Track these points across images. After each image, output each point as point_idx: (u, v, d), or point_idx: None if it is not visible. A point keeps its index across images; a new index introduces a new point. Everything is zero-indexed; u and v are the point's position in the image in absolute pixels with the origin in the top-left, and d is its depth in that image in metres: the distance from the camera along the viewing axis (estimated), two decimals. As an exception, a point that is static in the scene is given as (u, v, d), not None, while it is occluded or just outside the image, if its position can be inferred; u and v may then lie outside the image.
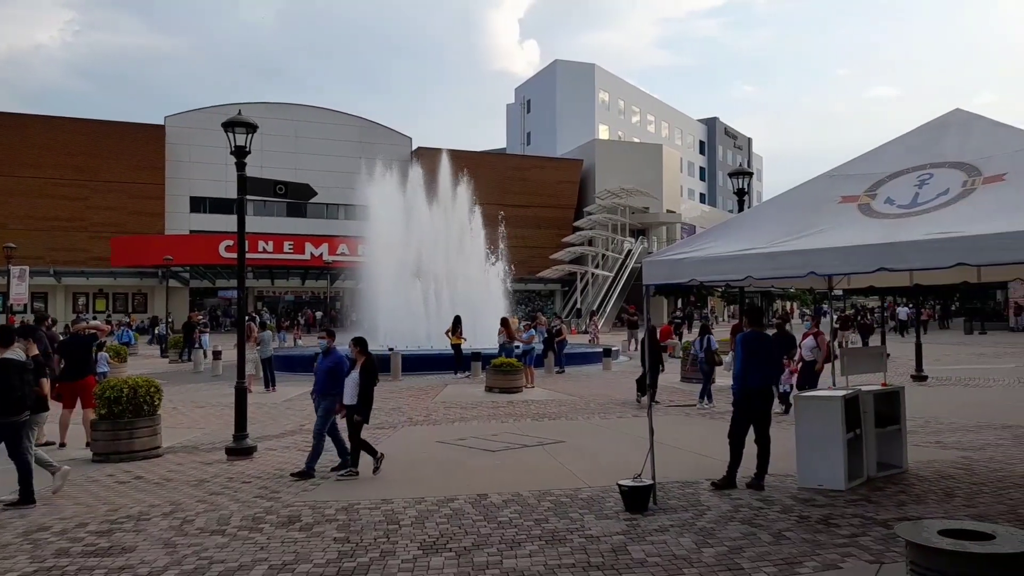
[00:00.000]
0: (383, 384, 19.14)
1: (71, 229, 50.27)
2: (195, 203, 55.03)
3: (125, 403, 9.91)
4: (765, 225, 6.99)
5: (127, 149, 52.09)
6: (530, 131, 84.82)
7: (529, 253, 56.53)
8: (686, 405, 14.83)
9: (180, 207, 54.62)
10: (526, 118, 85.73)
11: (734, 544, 6.09)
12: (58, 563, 5.95)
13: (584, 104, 79.99)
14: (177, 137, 53.71)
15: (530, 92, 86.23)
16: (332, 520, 7.01)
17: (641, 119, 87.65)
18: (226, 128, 10.64)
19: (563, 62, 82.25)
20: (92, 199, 51.06)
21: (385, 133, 59.98)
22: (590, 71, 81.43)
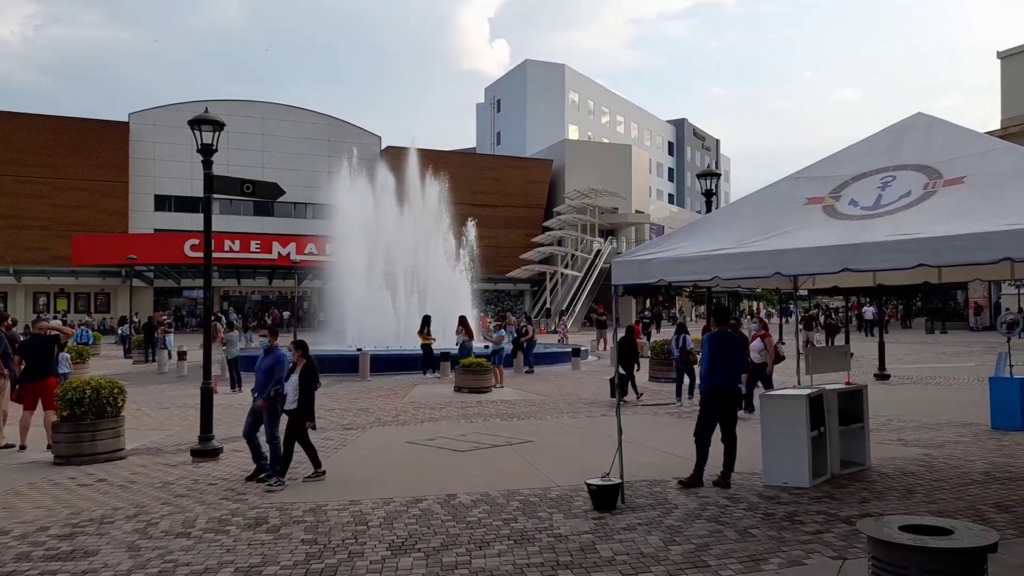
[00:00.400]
0: (352, 384, 19.12)
1: (31, 227, 49.16)
2: (160, 201, 54.19)
3: (87, 404, 9.73)
4: (732, 226, 7.08)
5: (90, 146, 51.14)
6: (500, 131, 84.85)
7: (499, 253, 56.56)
8: (657, 404, 14.94)
9: (144, 205, 53.75)
10: (496, 118, 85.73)
11: (701, 542, 6.15)
12: (19, 568, 5.83)
13: (554, 104, 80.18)
14: (141, 134, 52.85)
15: (500, 92, 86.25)
16: (300, 522, 6.95)
17: (611, 120, 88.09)
18: (192, 126, 10.51)
19: (533, 62, 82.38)
20: (53, 197, 49.97)
21: (354, 132, 59.57)
22: (560, 71, 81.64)
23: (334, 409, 14.78)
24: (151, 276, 51.47)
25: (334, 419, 13.51)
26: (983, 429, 11.21)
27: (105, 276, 50.70)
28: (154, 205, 54.13)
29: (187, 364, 22.40)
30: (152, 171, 52.96)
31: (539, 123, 78.18)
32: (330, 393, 17.43)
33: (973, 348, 28.25)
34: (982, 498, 7.37)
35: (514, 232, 59.67)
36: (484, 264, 38.88)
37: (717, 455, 8.03)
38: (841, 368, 9.89)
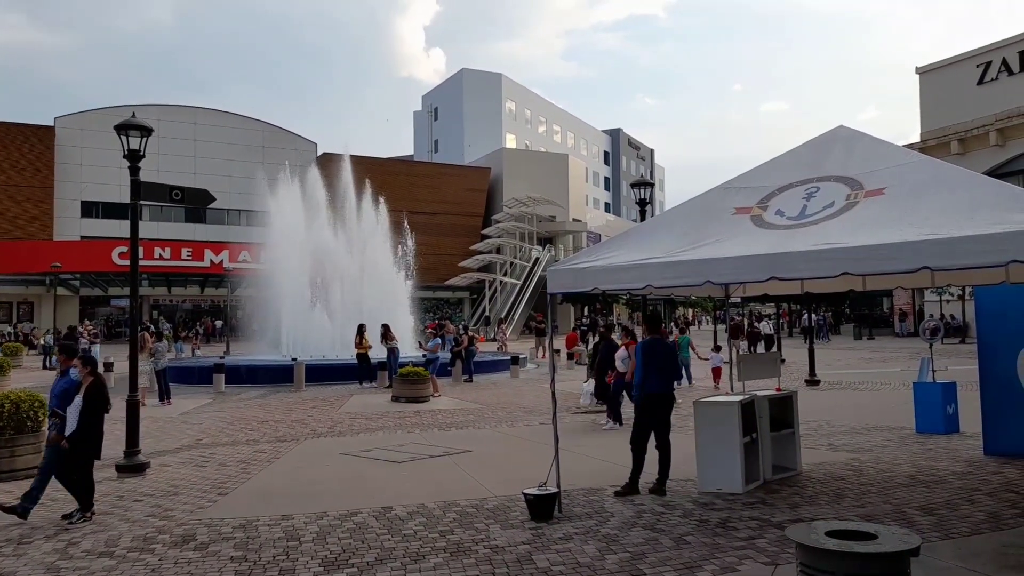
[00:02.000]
0: (287, 395, 18.76)
1: (-54, 234, 46.90)
2: (87, 208, 52.40)
3: (6, 419, 9.39)
4: (664, 235, 7.18)
5: (12, 150, 49.17)
6: (438, 139, 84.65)
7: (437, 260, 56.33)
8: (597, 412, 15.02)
9: (70, 212, 51.87)
10: (433, 125, 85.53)
11: (637, 550, 6.19)
12: (-76, 596, 5.53)
13: (491, 113, 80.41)
14: (68, 139, 51.08)
15: (437, 100, 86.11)
16: (229, 538, 6.76)
17: (547, 129, 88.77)
18: (119, 131, 10.23)
19: (470, 71, 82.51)
20: (-28, 202, 47.86)
21: (289, 138, 58.66)
22: (497, 80, 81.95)
23: (267, 421, 14.47)
24: (77, 285, 49.67)
25: (267, 431, 13.23)
26: (908, 433, 11.57)
27: (28, 284, 48.65)
28: (81, 211, 52.31)
29: (114, 376, 21.63)
30: (79, 176, 51.19)
31: (476, 131, 78.29)
32: (264, 404, 17.10)
33: (899, 354, 29.28)
34: (907, 501, 7.60)
35: (453, 240, 59.56)
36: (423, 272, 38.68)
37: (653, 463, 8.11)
38: (772, 374, 10.11)
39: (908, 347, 31.96)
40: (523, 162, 66.77)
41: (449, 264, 57.27)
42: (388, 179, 41.36)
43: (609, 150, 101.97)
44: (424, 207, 58.12)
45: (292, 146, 56.46)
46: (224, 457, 10.83)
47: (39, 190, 50.28)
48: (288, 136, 58.99)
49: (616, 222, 78.83)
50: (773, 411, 8.89)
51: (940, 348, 15.87)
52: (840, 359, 27.81)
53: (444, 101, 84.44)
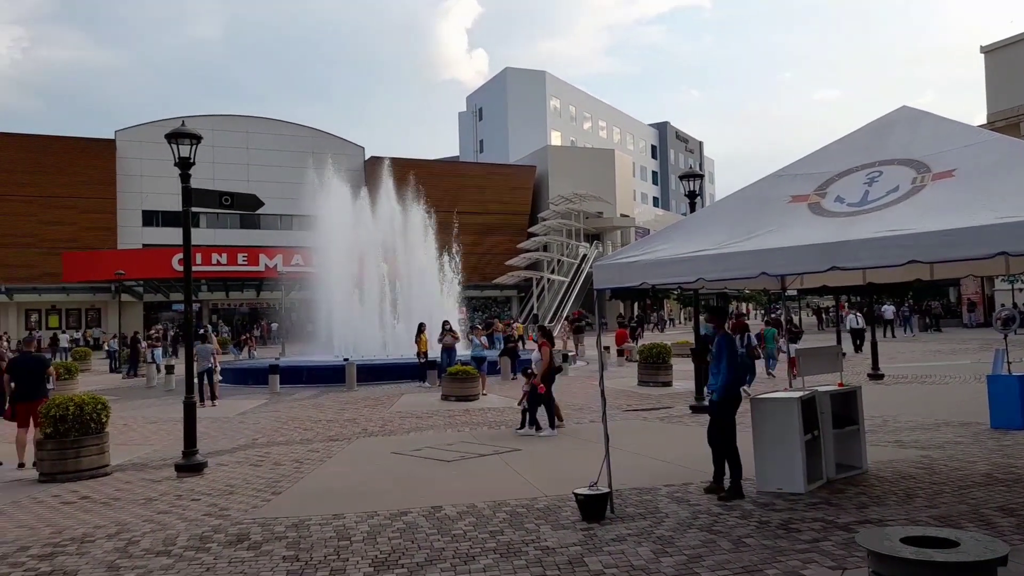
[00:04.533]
0: (339, 395, 18.91)
1: (21, 245, 48.92)
2: (147, 217, 54.03)
3: (71, 421, 9.61)
4: (715, 226, 6.92)
5: (78, 164, 51.03)
6: (483, 139, 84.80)
7: (485, 259, 56.50)
8: (647, 409, 14.80)
9: (132, 221, 53.59)
10: (478, 126, 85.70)
11: (693, 552, 5.98)
12: (-6, 591, 5.67)
13: (535, 111, 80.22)
14: (128, 151, 52.70)
15: (481, 100, 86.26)
16: (282, 538, 6.76)
17: (593, 125, 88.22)
18: (170, 140, 10.45)
19: (513, 70, 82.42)
20: (43, 215, 49.80)
21: (337, 143, 59.37)
22: (540, 78, 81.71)
23: (320, 421, 14.58)
24: (140, 291, 51.18)
25: (320, 431, 13.32)
26: (982, 429, 11.02)
27: (95, 292, 50.46)
28: (142, 221, 53.99)
29: (174, 378, 22.14)
30: (139, 187, 52.81)
31: (521, 130, 78.21)
32: (317, 404, 17.26)
33: (968, 345, 28.25)
34: (985, 501, 7.18)
35: (499, 239, 59.62)
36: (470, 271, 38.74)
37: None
38: (833, 369, 9.74)
39: (978, 338, 30.80)
40: (569, 159, 66.45)
41: (496, 263, 57.31)
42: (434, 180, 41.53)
43: (656, 144, 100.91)
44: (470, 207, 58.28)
45: (340, 151, 57.03)
46: (278, 456, 10.93)
47: (103, 201, 52.13)
48: (336, 141, 59.72)
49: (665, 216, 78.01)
50: (836, 407, 8.54)
51: (1014, 339, 15.17)
52: (905, 352, 26.93)
53: (488, 101, 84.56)
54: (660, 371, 18.93)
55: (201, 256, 45.42)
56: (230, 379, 21.61)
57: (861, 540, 4.00)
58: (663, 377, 18.86)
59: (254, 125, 57.49)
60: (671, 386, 18.52)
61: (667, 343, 20.71)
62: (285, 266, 43.66)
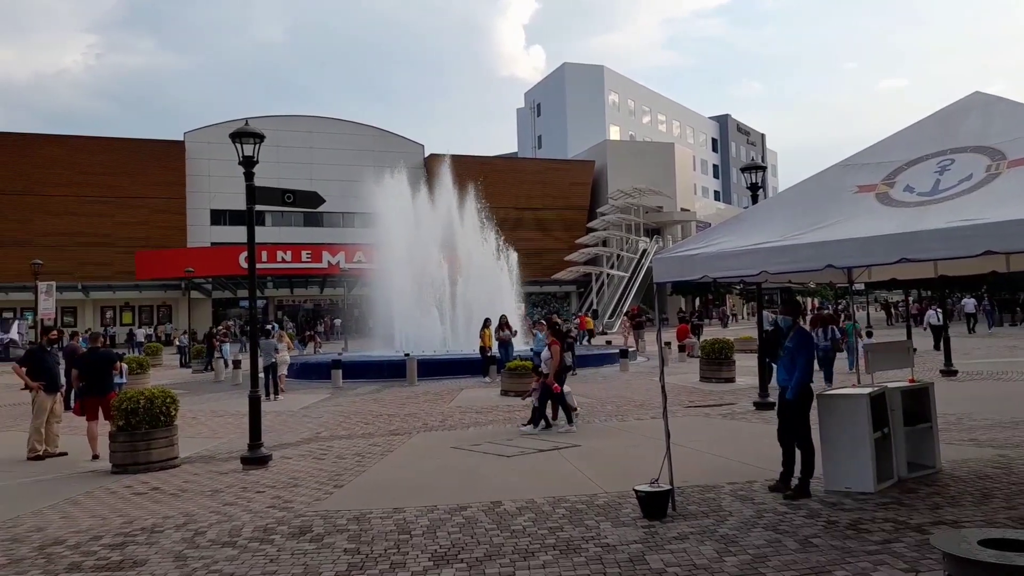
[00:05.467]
0: (400, 390, 19.12)
1: (97, 244, 50.86)
2: (215, 216, 55.59)
3: (142, 414, 9.90)
4: (778, 218, 6.73)
5: (149, 165, 52.82)
6: (541, 134, 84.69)
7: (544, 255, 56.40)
8: (709, 406, 14.57)
9: (201, 220, 55.25)
10: (537, 122, 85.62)
11: (758, 552, 5.84)
12: (68, 579, 5.86)
13: (594, 106, 79.72)
14: (196, 152, 54.28)
15: (540, 96, 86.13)
16: (343, 530, 6.85)
17: (652, 119, 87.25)
18: (234, 139, 10.66)
19: (571, 65, 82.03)
20: (117, 215, 51.65)
21: (398, 141, 60.08)
22: (599, 73, 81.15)
23: (382, 415, 14.77)
24: (209, 288, 52.72)
25: (382, 425, 13.50)
26: (1062, 427, 10.55)
27: (166, 289, 52.27)
28: (210, 220, 55.57)
29: (241, 373, 22.69)
30: (207, 187, 54.34)
31: (580, 125, 77.82)
32: (379, 399, 17.50)
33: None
34: (1066, 503, 6.85)
35: (558, 234, 59.51)
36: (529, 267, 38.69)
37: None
38: (903, 365, 9.41)
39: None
40: (628, 153, 65.87)
41: (555, 258, 57.20)
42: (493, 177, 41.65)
43: (717, 137, 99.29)
44: (529, 203, 58.31)
45: (401, 149, 57.75)
46: (341, 450, 11.10)
47: (173, 201, 53.83)
48: (396, 139, 60.44)
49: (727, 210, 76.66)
50: (907, 404, 8.25)
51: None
52: (980, 347, 25.91)
53: (546, 97, 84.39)
54: (723, 367, 18.63)
55: (266, 254, 46.50)
56: (294, 374, 22.06)
57: (936, 542, 3.83)
58: (726, 373, 18.55)
59: (316, 125, 58.57)
60: (734, 382, 18.21)
61: (730, 338, 20.36)
62: (347, 263, 44.37)
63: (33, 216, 49.76)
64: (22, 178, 49.71)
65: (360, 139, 58.88)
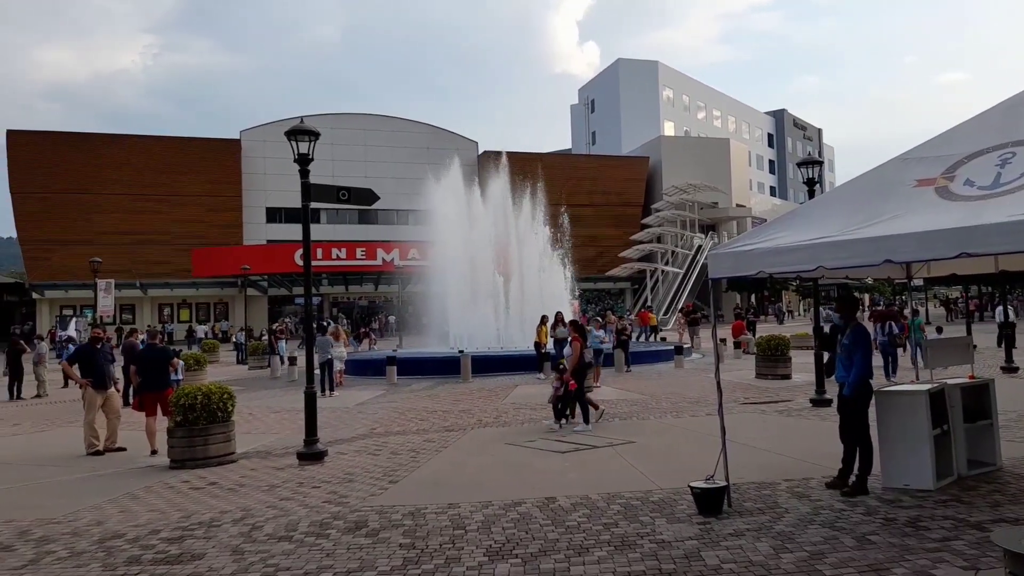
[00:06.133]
0: (454, 386, 19.27)
1: (154, 243, 51.80)
2: (271, 213, 56.43)
3: (199, 410, 10.04)
4: (835, 212, 6.62)
5: (205, 164, 53.77)
6: (595, 130, 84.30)
7: (597, 252, 56.20)
8: (764, 403, 14.38)
9: (257, 218, 56.12)
10: (590, 118, 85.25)
11: (815, 549, 5.77)
12: (128, 571, 6.01)
13: (648, 102, 79.03)
14: (252, 150, 55.18)
15: (594, 92, 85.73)
16: (398, 525, 6.96)
17: (707, 114, 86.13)
18: (289, 136, 10.79)
19: (626, 60, 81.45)
20: (173, 213, 52.59)
21: (451, 138, 60.42)
22: (653, 68, 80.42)
23: (436, 411, 14.92)
24: (265, 285, 53.62)
25: (436, 421, 13.64)
26: None
27: (223, 286, 53.10)
28: (266, 217, 56.42)
29: (297, 369, 23.14)
30: (263, 185, 55.18)
31: (634, 121, 77.22)
32: (433, 395, 17.67)
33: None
34: None
35: (612, 230, 59.20)
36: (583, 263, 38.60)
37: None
38: (963, 361, 9.17)
39: None
40: (682, 149, 65.19)
41: (609, 255, 56.93)
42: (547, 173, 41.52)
43: (773, 132, 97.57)
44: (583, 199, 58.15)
45: (454, 146, 58.04)
46: (396, 446, 11.24)
47: (229, 199, 54.74)
48: (450, 136, 60.80)
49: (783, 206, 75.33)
50: (967, 400, 8.05)
51: None
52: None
53: (600, 93, 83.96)
54: (779, 364, 18.37)
55: (321, 251, 47.21)
56: (349, 370, 22.38)
57: (997, 539, 3.77)
58: (782, 370, 18.29)
59: (371, 123, 59.21)
60: (790, 379, 17.93)
61: (786, 335, 20.04)
62: (402, 260, 44.81)
63: (93, 215, 50.93)
64: (82, 177, 50.81)
65: (414, 137, 59.39)
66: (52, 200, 50.14)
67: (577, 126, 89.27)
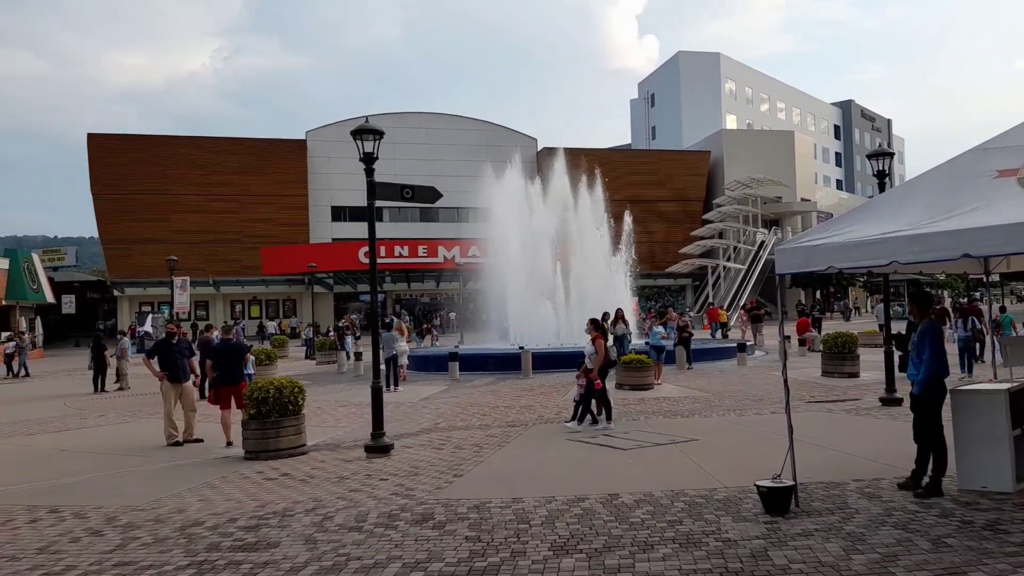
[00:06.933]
0: (515, 382, 19.35)
1: (226, 241, 53.37)
2: (336, 212, 57.51)
3: (271, 403, 10.32)
4: (910, 205, 6.42)
5: (274, 164, 55.11)
6: (655, 125, 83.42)
7: (657, 248, 55.69)
8: (831, 401, 14.06)
9: (322, 216, 57.26)
10: (650, 112, 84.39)
11: (888, 551, 5.64)
12: (209, 557, 6.24)
13: (709, 95, 77.85)
14: (318, 150, 56.26)
15: (653, 86, 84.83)
16: (464, 518, 7.05)
17: (770, 106, 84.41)
18: (355, 136, 10.97)
19: (686, 53, 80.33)
20: (244, 212, 54.04)
21: (511, 135, 60.57)
22: (715, 60, 79.17)
23: (498, 407, 15.02)
24: (330, 283, 54.66)
25: (498, 416, 13.73)
26: None
27: (291, 284, 54.37)
28: (331, 216, 57.53)
29: (362, 364, 23.53)
30: (328, 184, 56.21)
31: (695, 115, 76.15)
32: (495, 391, 17.77)
33: None
34: None
35: (672, 226, 58.59)
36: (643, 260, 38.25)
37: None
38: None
39: None
40: (745, 142, 64.05)
41: (669, 251, 56.36)
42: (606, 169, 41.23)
43: (840, 124, 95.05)
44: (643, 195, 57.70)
45: (514, 143, 58.14)
46: (459, 440, 11.36)
47: (296, 199, 55.96)
48: (510, 134, 60.96)
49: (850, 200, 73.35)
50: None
51: None
52: None
53: (660, 87, 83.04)
54: (846, 361, 17.91)
55: (385, 249, 47.85)
56: (412, 366, 22.68)
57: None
58: (849, 368, 17.83)
59: (431, 121, 59.78)
60: (858, 377, 17.48)
61: (853, 332, 19.54)
62: (462, 257, 45.10)
63: (169, 215, 52.67)
64: (159, 179, 52.55)
65: (474, 134, 59.69)
66: (130, 201, 52.02)
67: (637, 121, 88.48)
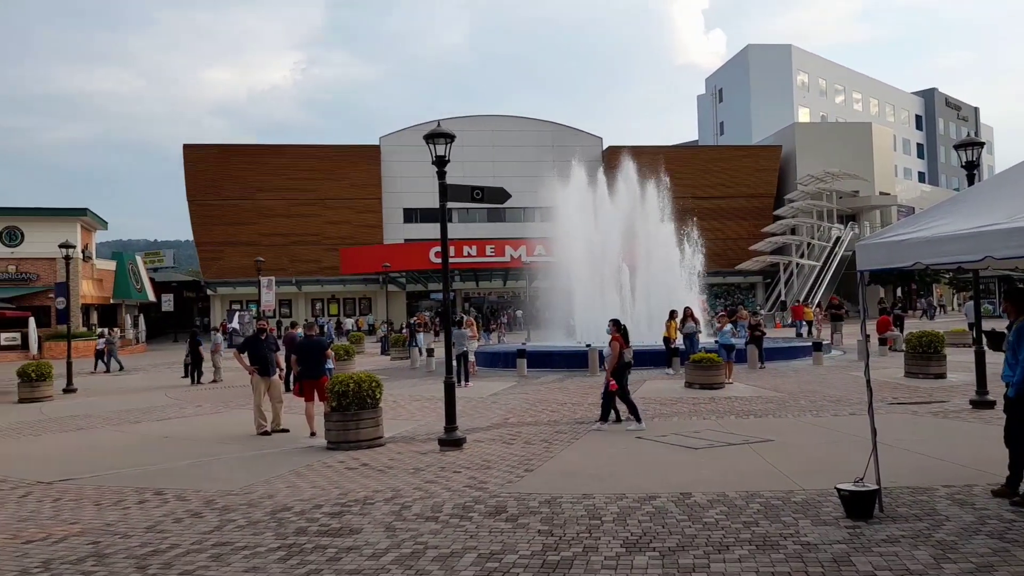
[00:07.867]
0: (582, 379, 19.28)
1: (306, 243, 55.82)
2: (408, 214, 58.86)
3: (351, 396, 10.75)
4: (1005, 197, 6.09)
5: (350, 169, 57.11)
6: (723, 120, 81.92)
7: (727, 245, 54.76)
8: (916, 403, 13.57)
9: (395, 218, 58.73)
10: (718, 108, 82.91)
11: (982, 560, 5.39)
12: (298, 541, 6.53)
13: (781, 88, 75.96)
14: (390, 155, 57.69)
15: (722, 81, 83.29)
16: (536, 512, 7.07)
17: (846, 98, 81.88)
18: (427, 140, 11.17)
19: (756, 46, 78.59)
20: (323, 215, 56.34)
21: (576, 135, 60.42)
22: (786, 53, 77.21)
23: (566, 403, 15.00)
24: (403, 282, 55.92)
25: (566, 413, 13.73)
26: None
27: (366, 283, 56.26)
28: (403, 218, 58.91)
29: (434, 360, 23.83)
30: (400, 187, 57.65)
31: (765, 109, 74.45)
32: (562, 387, 17.77)
33: None
34: None
35: (742, 223, 57.56)
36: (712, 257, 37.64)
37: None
38: None
39: None
40: (818, 136, 62.29)
41: (739, 248, 55.35)
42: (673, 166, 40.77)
43: (922, 113, 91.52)
44: (711, 192, 56.80)
45: (579, 143, 58.00)
46: (529, 435, 11.42)
47: (371, 201, 57.80)
48: (575, 133, 60.82)
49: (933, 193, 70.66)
50: None
51: None
52: None
53: (729, 81, 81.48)
54: (932, 362, 17.23)
55: (454, 249, 48.38)
56: (481, 362, 22.85)
57: None
58: (935, 368, 17.15)
59: (498, 123, 60.20)
60: (945, 378, 16.81)
61: (939, 331, 18.81)
62: (529, 256, 45.26)
63: (257, 219, 55.75)
64: (247, 185, 55.65)
65: (540, 135, 59.83)
66: (221, 206, 55.31)
67: (704, 117, 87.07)
